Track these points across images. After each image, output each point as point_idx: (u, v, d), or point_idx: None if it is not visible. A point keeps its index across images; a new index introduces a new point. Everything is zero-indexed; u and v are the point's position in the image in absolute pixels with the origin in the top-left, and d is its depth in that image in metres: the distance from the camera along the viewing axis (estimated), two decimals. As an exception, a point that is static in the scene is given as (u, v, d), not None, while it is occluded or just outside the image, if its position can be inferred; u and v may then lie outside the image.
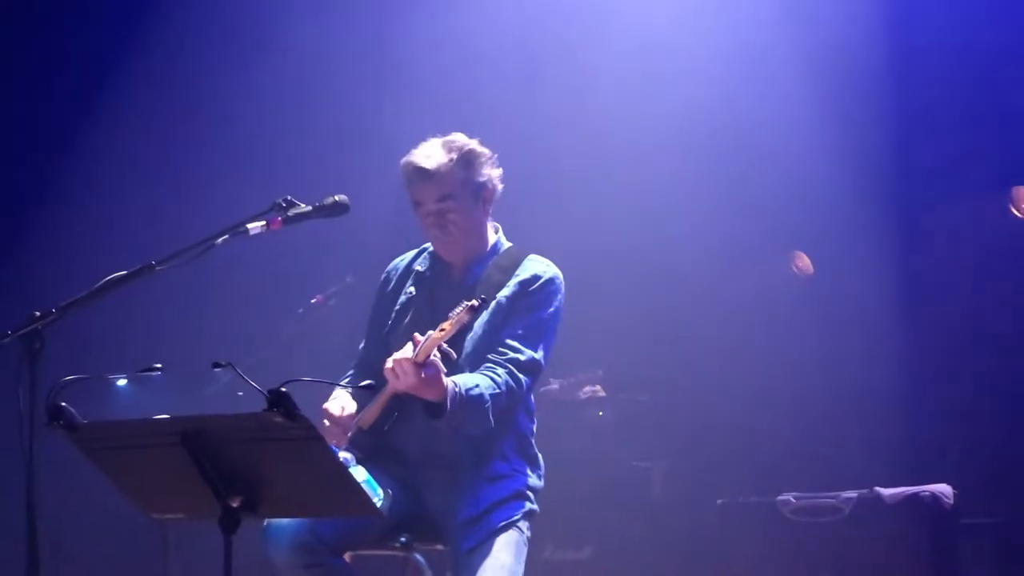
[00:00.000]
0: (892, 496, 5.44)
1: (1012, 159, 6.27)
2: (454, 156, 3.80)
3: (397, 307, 3.93)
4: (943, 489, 5.41)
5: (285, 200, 3.76)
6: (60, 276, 5.17)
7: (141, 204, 6.30)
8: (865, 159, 6.47)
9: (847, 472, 5.98)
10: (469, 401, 3.53)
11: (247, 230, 3.67)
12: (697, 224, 6.82)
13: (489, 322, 3.75)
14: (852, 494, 5.53)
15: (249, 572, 3.63)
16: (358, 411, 3.74)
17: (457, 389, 3.50)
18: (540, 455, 3.92)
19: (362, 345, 4.07)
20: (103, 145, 6.30)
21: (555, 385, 6.59)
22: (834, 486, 5.64)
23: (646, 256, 6.93)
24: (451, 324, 3.42)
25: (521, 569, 3.66)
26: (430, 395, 3.48)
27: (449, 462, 3.76)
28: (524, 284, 3.82)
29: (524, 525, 3.76)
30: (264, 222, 3.71)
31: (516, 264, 3.86)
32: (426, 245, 4.02)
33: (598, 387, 6.63)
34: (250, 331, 6.14)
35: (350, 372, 4.00)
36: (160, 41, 6.55)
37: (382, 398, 3.64)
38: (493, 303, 3.76)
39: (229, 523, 2.84)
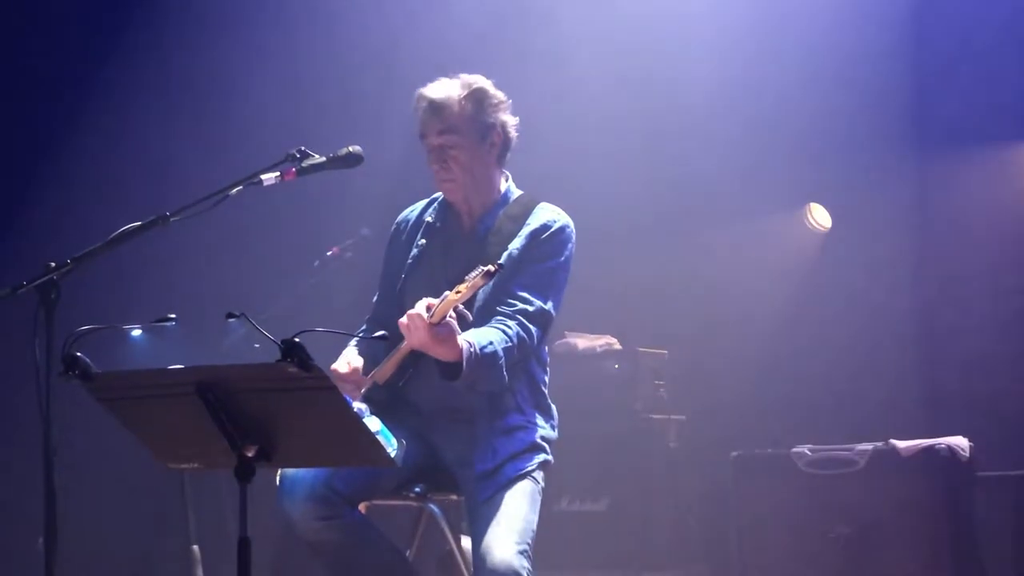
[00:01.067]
0: (908, 449, 5.43)
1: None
2: (464, 91, 3.78)
3: (410, 260, 3.91)
4: (959, 442, 5.40)
5: (299, 151, 3.76)
6: (74, 228, 5.18)
7: (156, 155, 6.28)
8: (882, 113, 6.42)
9: (862, 424, 5.97)
10: (483, 359, 3.51)
11: (261, 181, 3.68)
12: (713, 180, 6.81)
13: (500, 275, 3.75)
14: (867, 446, 5.52)
15: (267, 526, 3.67)
16: (369, 366, 3.74)
17: (472, 349, 3.48)
18: (554, 405, 3.92)
19: (376, 298, 4.06)
20: (117, 96, 6.28)
21: (574, 341, 6.60)
22: (849, 438, 5.64)
23: (664, 212, 6.93)
24: (467, 288, 3.37)
25: (536, 517, 3.67)
26: (445, 355, 3.47)
27: (465, 415, 3.76)
28: (535, 233, 3.79)
29: (539, 475, 3.76)
30: (278, 173, 3.71)
31: (527, 212, 3.84)
32: (436, 195, 3.98)
33: (614, 340, 6.64)
34: (266, 283, 6.15)
35: (363, 326, 3.99)
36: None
37: (397, 355, 3.62)
38: (504, 254, 3.75)
39: (244, 472, 2.86)
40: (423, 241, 3.92)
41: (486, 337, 3.56)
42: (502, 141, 3.84)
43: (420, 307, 3.46)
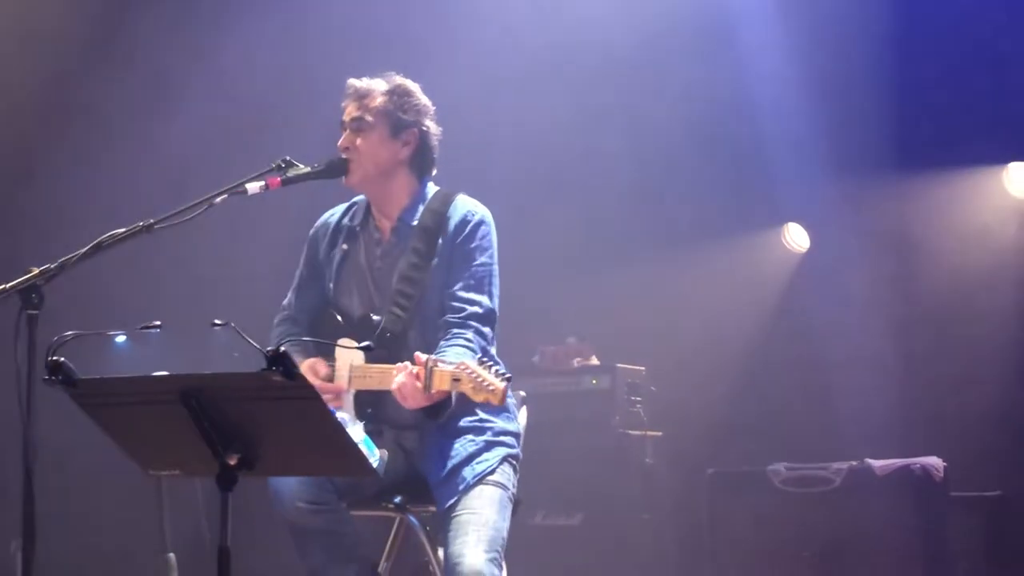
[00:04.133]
0: (883, 468, 5.47)
1: (1009, 134, 6.27)
2: (388, 86, 3.90)
3: (335, 265, 3.98)
4: (933, 462, 5.44)
5: (284, 160, 3.80)
6: (57, 235, 5.16)
7: (140, 162, 6.27)
8: (861, 134, 6.47)
9: (838, 443, 6.01)
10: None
11: (246, 190, 3.69)
12: (692, 199, 6.85)
13: (438, 276, 3.81)
14: (843, 465, 5.56)
15: (259, 525, 3.67)
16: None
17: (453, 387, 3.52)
18: (511, 398, 3.91)
19: (291, 299, 4.11)
20: (103, 102, 6.26)
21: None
22: (825, 457, 5.68)
23: (643, 230, 6.96)
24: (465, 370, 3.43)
25: (506, 524, 3.67)
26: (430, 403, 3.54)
27: (415, 425, 3.80)
28: (458, 228, 3.85)
29: (506, 476, 3.76)
30: (263, 182, 3.72)
31: (447, 204, 3.90)
32: (355, 199, 4.06)
33: (592, 355, 6.65)
34: (251, 291, 6.13)
35: (279, 325, 4.06)
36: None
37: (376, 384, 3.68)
38: (435, 260, 3.81)
39: (226, 481, 2.84)
40: (345, 246, 3.99)
41: (457, 360, 3.57)
42: (417, 144, 3.91)
43: (403, 375, 3.49)
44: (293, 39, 6.59)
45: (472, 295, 3.79)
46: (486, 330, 3.77)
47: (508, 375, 3.42)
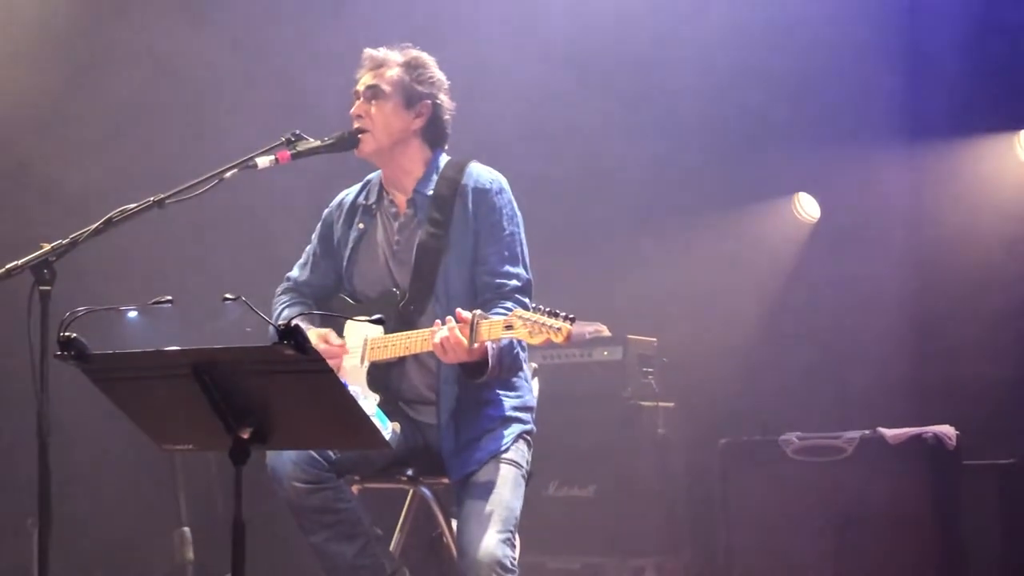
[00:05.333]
0: (895, 437, 5.47)
1: (1021, 101, 6.23)
2: (404, 59, 3.91)
3: (351, 244, 3.98)
4: (946, 431, 5.43)
5: (293, 134, 3.80)
6: (68, 212, 5.17)
7: (150, 137, 6.26)
8: (872, 103, 6.44)
9: (851, 412, 6.00)
10: (503, 353, 3.60)
11: (255, 164, 3.69)
12: (703, 169, 6.83)
13: (466, 249, 3.80)
14: (855, 434, 5.56)
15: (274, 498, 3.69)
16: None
17: (494, 348, 3.55)
18: (525, 371, 3.92)
19: (300, 273, 4.11)
20: (114, 79, 6.25)
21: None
22: (837, 426, 5.67)
23: (653, 200, 6.95)
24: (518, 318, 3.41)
25: (519, 503, 3.69)
26: (471, 359, 3.53)
27: (429, 400, 3.83)
28: (476, 194, 3.85)
29: (519, 452, 3.78)
30: (273, 156, 3.73)
31: (461, 172, 3.90)
32: (369, 177, 4.07)
33: (603, 327, 6.63)
34: (263, 265, 6.14)
35: (283, 296, 4.08)
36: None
37: (401, 350, 3.69)
38: (452, 227, 3.80)
39: (239, 454, 2.86)
40: (362, 225, 3.98)
41: None
42: (429, 116, 3.91)
43: (445, 329, 3.49)
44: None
45: (508, 267, 3.80)
46: (527, 300, 3.79)
47: (572, 316, 3.37)
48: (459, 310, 3.48)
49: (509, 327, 3.39)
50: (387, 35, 4.05)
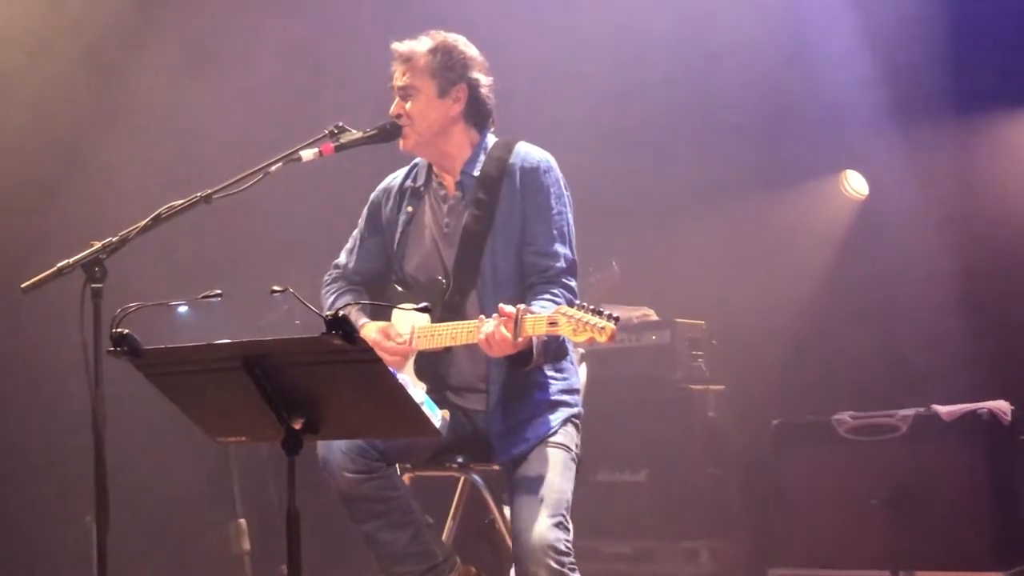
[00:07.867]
0: (949, 413, 5.43)
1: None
2: (432, 44, 3.86)
3: (400, 228, 3.97)
4: (1001, 406, 5.39)
5: (336, 126, 3.80)
6: (117, 207, 5.21)
7: (198, 132, 6.30)
8: (919, 78, 6.37)
9: (904, 390, 5.96)
10: (548, 342, 3.59)
11: (300, 157, 3.71)
12: (750, 148, 6.79)
13: (514, 230, 3.79)
14: (909, 412, 5.52)
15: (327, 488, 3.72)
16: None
17: (540, 338, 3.53)
18: (572, 355, 3.92)
19: (348, 259, 4.11)
20: (160, 75, 6.31)
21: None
22: (890, 404, 5.64)
23: (700, 182, 6.92)
24: (563, 314, 3.41)
25: (570, 486, 3.69)
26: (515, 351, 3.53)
27: (477, 388, 3.83)
28: (524, 173, 3.83)
29: (567, 435, 3.78)
30: (316, 149, 3.74)
31: (508, 151, 3.88)
32: (415, 161, 4.05)
33: (651, 311, 6.61)
34: (311, 257, 6.18)
35: (332, 283, 4.07)
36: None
37: (448, 341, 3.69)
38: (499, 207, 3.79)
39: (292, 445, 2.88)
40: (410, 208, 3.98)
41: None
42: (467, 98, 3.88)
43: (490, 324, 3.48)
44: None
45: (556, 247, 3.77)
46: (572, 283, 3.78)
47: (616, 315, 3.37)
48: (502, 305, 3.47)
49: (553, 324, 3.39)
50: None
